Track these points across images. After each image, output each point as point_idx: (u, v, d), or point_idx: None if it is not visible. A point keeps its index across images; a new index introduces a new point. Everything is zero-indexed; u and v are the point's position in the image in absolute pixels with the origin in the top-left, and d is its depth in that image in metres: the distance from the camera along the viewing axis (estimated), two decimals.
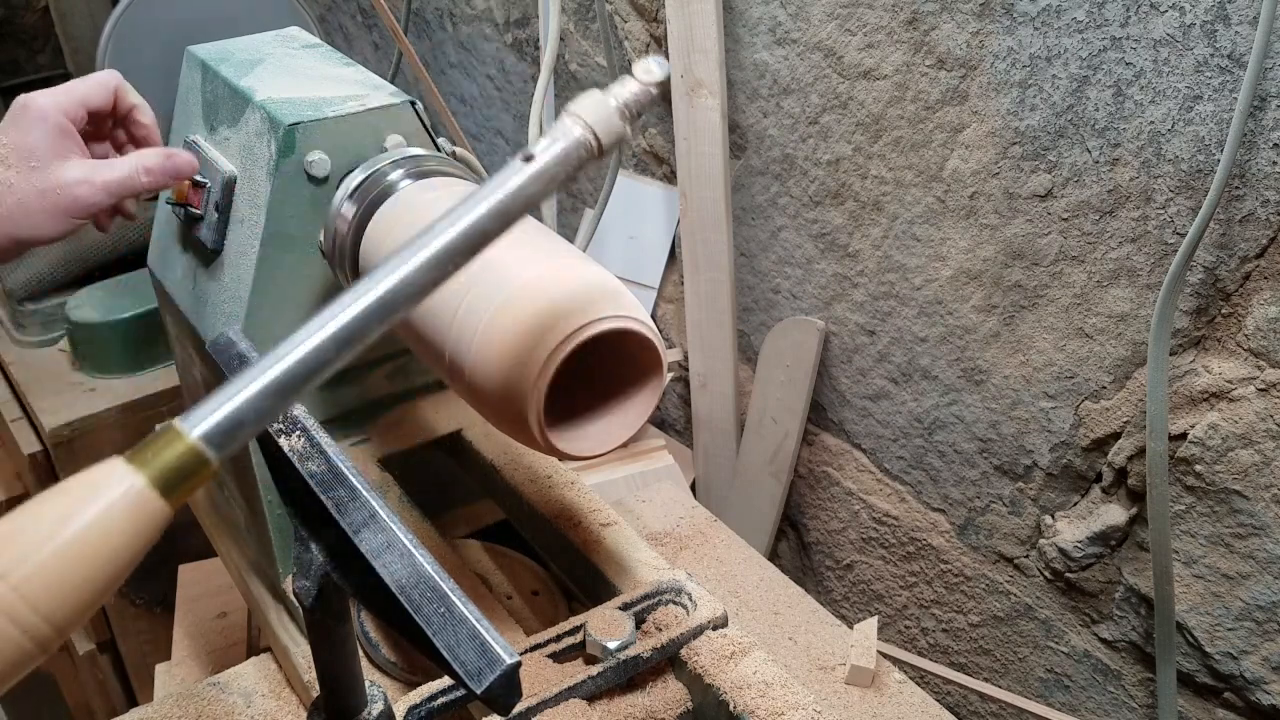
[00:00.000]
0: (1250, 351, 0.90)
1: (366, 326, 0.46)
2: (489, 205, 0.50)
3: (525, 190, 0.51)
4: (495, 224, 0.50)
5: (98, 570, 0.39)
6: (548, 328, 0.58)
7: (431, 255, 0.48)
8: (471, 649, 0.45)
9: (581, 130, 0.52)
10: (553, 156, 0.52)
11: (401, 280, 0.47)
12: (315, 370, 0.44)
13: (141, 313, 1.55)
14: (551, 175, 0.52)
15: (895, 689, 0.97)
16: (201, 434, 0.41)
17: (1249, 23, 0.81)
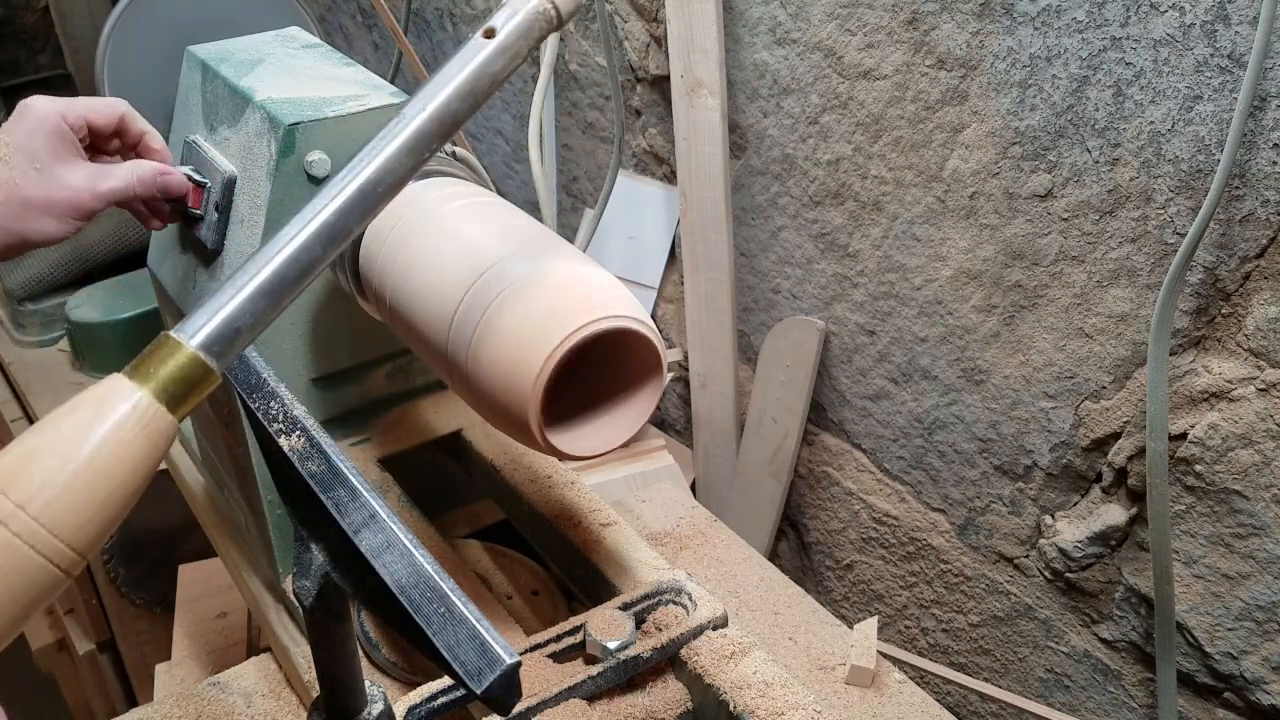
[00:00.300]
0: (1250, 351, 0.90)
1: (349, 219, 0.46)
2: (455, 85, 0.50)
3: (489, 66, 0.51)
4: (464, 105, 0.50)
5: (113, 491, 0.40)
6: (547, 327, 0.58)
7: (405, 141, 0.48)
8: (471, 649, 0.45)
9: (539, 1, 0.53)
10: (513, 28, 0.52)
11: (378, 169, 0.47)
12: (305, 269, 0.44)
13: (141, 313, 1.55)
14: (515, 49, 0.52)
15: (895, 689, 0.97)
16: (200, 343, 0.41)
17: (1249, 23, 0.81)
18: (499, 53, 0.51)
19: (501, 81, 0.52)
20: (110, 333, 1.55)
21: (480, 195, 0.74)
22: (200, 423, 1.02)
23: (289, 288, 0.43)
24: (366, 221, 0.47)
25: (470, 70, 0.50)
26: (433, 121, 0.49)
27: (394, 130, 0.48)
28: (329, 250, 0.45)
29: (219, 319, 0.42)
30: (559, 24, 0.53)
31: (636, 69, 1.43)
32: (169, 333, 0.42)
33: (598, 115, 1.55)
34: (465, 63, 0.50)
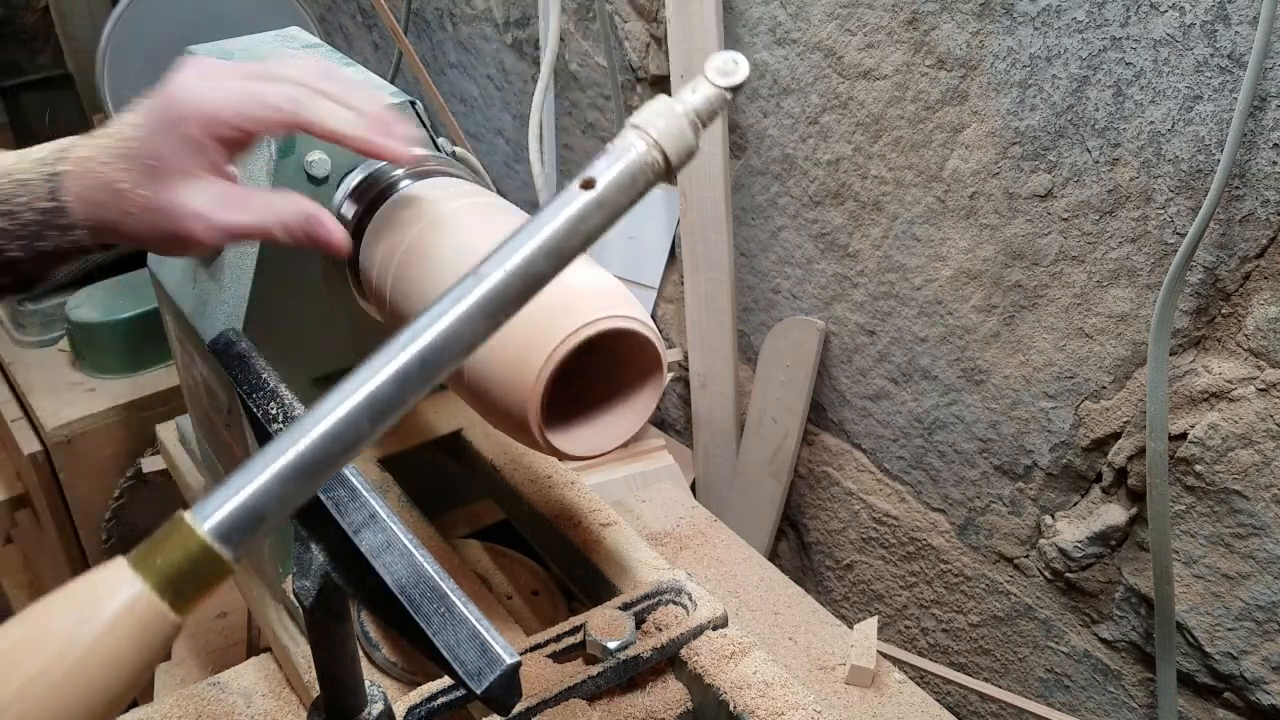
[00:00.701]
0: (1250, 351, 0.90)
1: (405, 391, 0.39)
2: (542, 241, 0.42)
3: (584, 223, 0.43)
4: (550, 264, 0.42)
5: (97, 697, 0.35)
6: (547, 327, 0.58)
7: (479, 302, 0.40)
8: (471, 649, 0.45)
9: (646, 146, 0.44)
10: (615, 181, 0.43)
11: (445, 334, 0.40)
12: (348, 446, 0.37)
13: (141, 313, 1.55)
14: (615, 204, 0.43)
15: (895, 689, 0.97)
16: (213, 528, 0.35)
17: (1249, 23, 0.81)
18: (596, 207, 0.43)
19: (595, 239, 0.44)
20: (110, 333, 1.55)
21: (480, 195, 0.74)
22: (201, 423, 1.02)
23: (327, 467, 0.37)
24: (423, 393, 0.39)
25: (561, 225, 0.42)
26: (513, 281, 0.41)
27: (467, 289, 0.40)
28: (378, 426, 0.38)
29: (239, 501, 0.35)
30: (667, 174, 0.45)
31: (637, 69, 1.43)
32: (182, 513, 0.36)
33: (598, 115, 1.55)
34: (555, 215, 0.42)
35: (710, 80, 0.45)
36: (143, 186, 0.61)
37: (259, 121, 0.62)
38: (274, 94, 0.62)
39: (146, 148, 0.61)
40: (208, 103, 0.61)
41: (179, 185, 0.61)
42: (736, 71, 0.45)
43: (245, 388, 0.61)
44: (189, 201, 0.61)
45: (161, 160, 0.61)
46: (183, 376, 1.03)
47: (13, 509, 1.71)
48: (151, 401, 1.54)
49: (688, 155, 0.46)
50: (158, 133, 0.61)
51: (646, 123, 0.45)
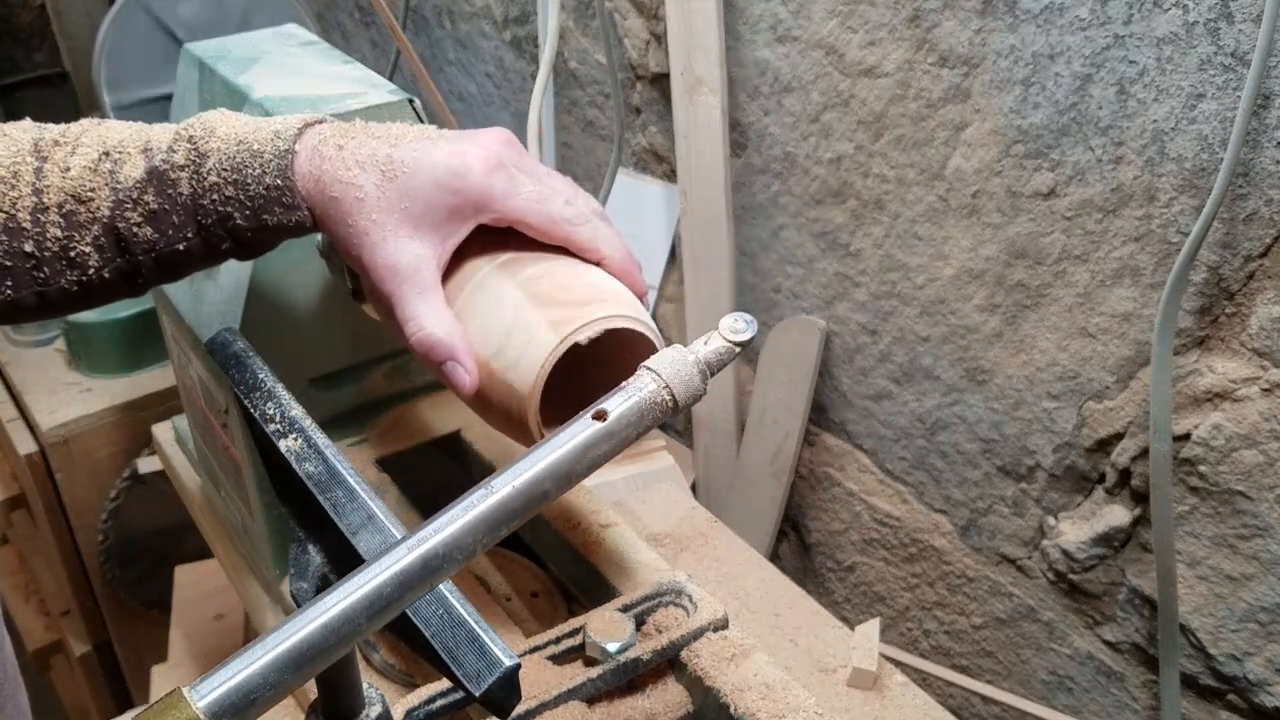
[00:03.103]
0: (1254, 351, 0.90)
1: (404, 592, 0.41)
2: (551, 463, 0.45)
3: (592, 450, 0.47)
4: (557, 485, 0.46)
5: None
6: (547, 327, 0.58)
7: (485, 513, 0.44)
8: (470, 651, 0.45)
9: (657, 386, 0.49)
10: (626, 415, 0.48)
11: (448, 540, 0.42)
12: (342, 640, 0.40)
13: (137, 312, 1.54)
14: (623, 436, 0.48)
15: (897, 691, 0.96)
16: (207, 706, 0.37)
17: (1252, 20, 0.81)
18: (605, 437, 0.47)
19: (600, 465, 0.48)
20: (107, 333, 1.55)
21: None
22: (197, 423, 1.02)
23: (321, 658, 0.39)
24: (421, 595, 0.42)
25: (570, 450, 0.46)
26: (520, 498, 0.44)
27: (476, 501, 0.44)
28: (374, 623, 0.40)
29: (234, 683, 0.38)
30: (674, 412, 0.50)
31: (636, 67, 1.42)
32: (181, 689, 0.38)
33: (597, 113, 1.55)
34: (566, 441, 0.46)
35: (722, 336, 0.51)
36: (379, 227, 0.59)
37: (546, 234, 0.62)
38: (571, 213, 0.62)
39: (414, 193, 0.59)
40: (511, 211, 0.61)
41: (399, 234, 0.59)
42: (745, 330, 0.51)
43: (242, 388, 0.60)
44: (394, 256, 0.59)
45: (414, 218, 0.59)
46: (179, 376, 1.03)
47: (8, 509, 1.70)
48: (148, 401, 1.53)
49: (694, 397, 0.50)
50: (437, 193, 0.59)
51: (660, 366, 0.50)
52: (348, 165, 0.60)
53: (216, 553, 1.06)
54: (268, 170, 0.60)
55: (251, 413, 0.58)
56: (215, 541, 1.05)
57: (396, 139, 0.61)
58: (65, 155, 0.62)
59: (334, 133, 0.62)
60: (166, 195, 0.61)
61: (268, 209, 0.60)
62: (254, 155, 0.60)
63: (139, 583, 1.65)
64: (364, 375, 0.90)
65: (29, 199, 0.61)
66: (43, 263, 0.61)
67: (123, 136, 0.63)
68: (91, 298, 0.64)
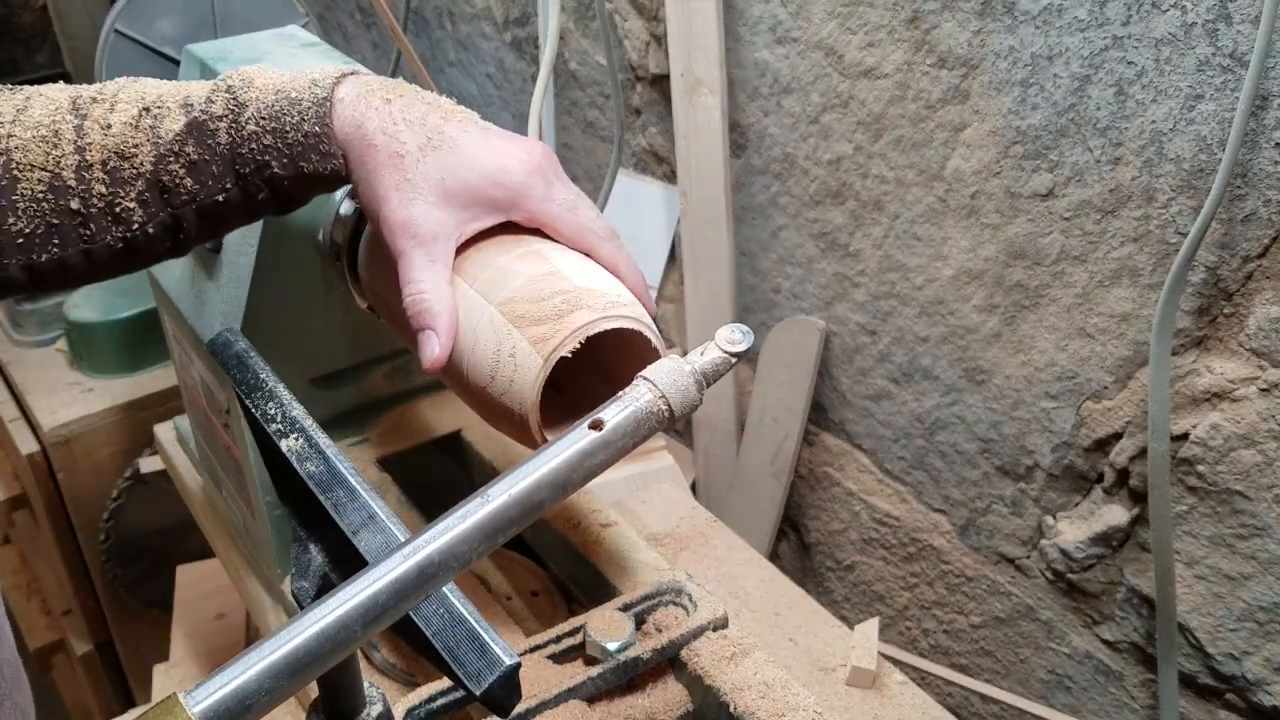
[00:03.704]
0: (1252, 351, 0.90)
1: (400, 600, 0.41)
2: (547, 472, 0.46)
3: (589, 459, 0.47)
4: (552, 494, 0.46)
5: None
6: (547, 327, 0.58)
7: (480, 521, 0.44)
8: (471, 650, 0.45)
9: (653, 397, 0.50)
10: (622, 424, 0.48)
11: (443, 548, 0.43)
12: (338, 647, 0.40)
13: (139, 312, 1.55)
14: (620, 445, 0.48)
15: (896, 690, 0.97)
16: (202, 711, 0.37)
17: (1250, 22, 0.81)
18: (602, 446, 0.47)
19: (597, 475, 0.48)
20: (108, 332, 1.55)
21: None
22: (199, 423, 1.02)
23: (315, 665, 0.39)
24: (415, 603, 0.42)
25: (566, 459, 0.46)
26: (515, 506, 0.44)
27: (471, 509, 0.44)
28: (369, 630, 0.41)
29: (229, 689, 0.38)
30: (670, 423, 0.50)
31: (636, 68, 1.42)
32: (178, 694, 0.38)
33: (597, 114, 1.55)
34: (562, 450, 0.46)
35: (718, 347, 0.51)
36: (410, 185, 0.60)
37: (573, 240, 0.64)
38: (600, 226, 0.64)
39: (455, 170, 0.60)
40: (543, 214, 0.63)
41: (427, 199, 0.60)
42: (742, 342, 0.51)
43: (243, 388, 0.61)
44: (417, 216, 0.60)
45: (447, 192, 0.60)
46: (181, 376, 1.03)
47: (10, 509, 1.71)
48: (149, 401, 1.53)
49: (690, 408, 0.50)
50: (477, 178, 0.60)
51: (656, 376, 0.50)
52: (394, 120, 0.61)
53: (218, 552, 1.06)
54: (306, 117, 0.61)
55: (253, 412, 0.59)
56: (217, 541, 1.06)
57: (448, 113, 0.62)
58: (105, 112, 0.62)
59: (380, 86, 0.63)
60: (206, 145, 0.61)
61: (305, 156, 0.61)
62: (292, 103, 0.61)
63: (140, 582, 1.66)
64: (365, 375, 0.91)
65: (72, 157, 0.61)
66: (89, 219, 0.62)
67: (161, 92, 0.64)
68: (137, 256, 0.64)
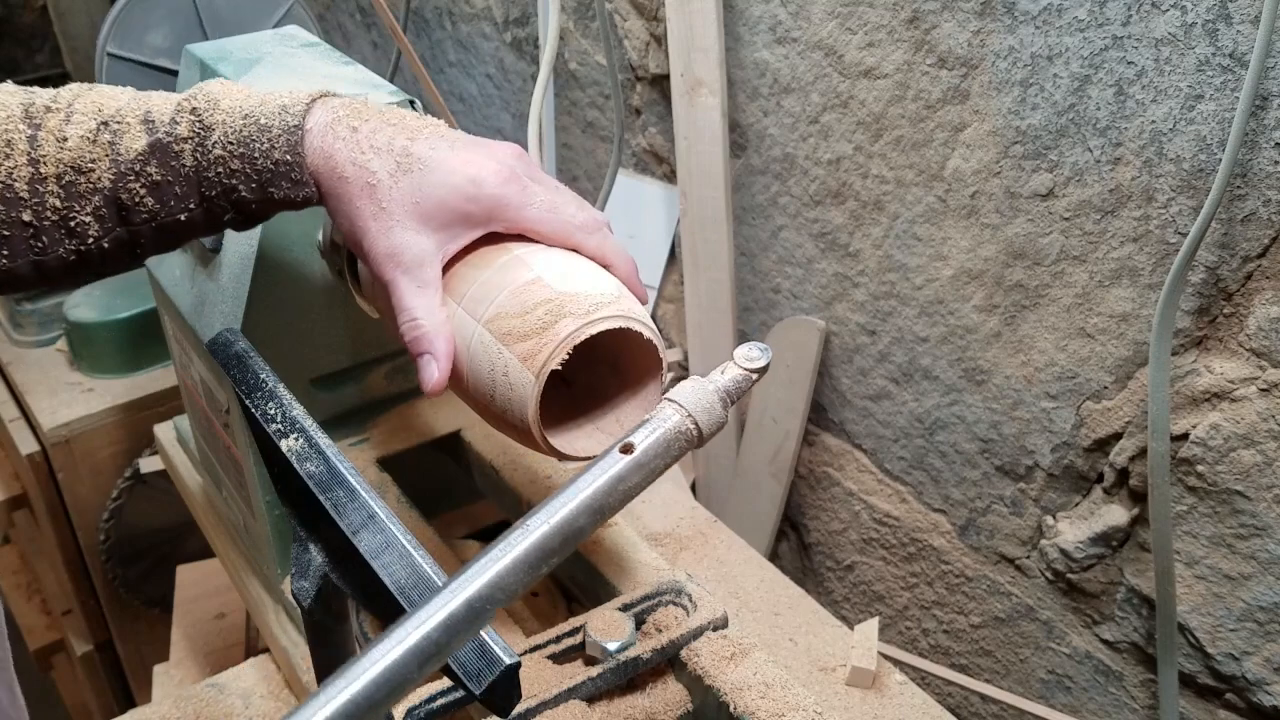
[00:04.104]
0: (1252, 351, 0.90)
1: (452, 638, 0.42)
2: (584, 499, 0.47)
3: (623, 483, 0.48)
4: (590, 520, 0.47)
5: None
6: (547, 327, 0.58)
7: (524, 554, 0.45)
8: (471, 650, 0.45)
9: (680, 418, 0.51)
10: (652, 446, 0.49)
11: (491, 583, 0.44)
12: (394, 689, 0.40)
13: (139, 312, 1.55)
14: (651, 467, 0.49)
15: (896, 690, 0.97)
16: None
17: (1250, 22, 0.81)
18: (634, 469, 0.49)
19: (632, 498, 0.49)
20: (108, 333, 1.55)
21: None
22: (199, 423, 1.02)
23: (372, 714, 0.40)
24: (467, 639, 0.43)
25: (602, 485, 0.48)
26: (556, 536, 0.46)
27: (514, 541, 0.45)
28: (425, 670, 0.41)
29: None
30: (699, 442, 0.51)
31: (636, 68, 1.42)
32: None
33: (597, 114, 1.55)
34: (597, 476, 0.48)
35: (738, 364, 0.53)
36: (387, 215, 0.59)
37: (559, 241, 0.63)
38: (583, 219, 0.63)
39: (429, 191, 0.59)
40: (523, 221, 0.61)
41: (414, 241, 0.59)
42: (761, 359, 0.53)
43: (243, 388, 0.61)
44: (406, 273, 0.60)
45: (424, 213, 0.59)
46: (181, 377, 1.03)
47: (10, 509, 1.71)
48: (149, 401, 1.53)
49: (717, 426, 0.52)
50: (451, 196, 0.59)
51: (682, 397, 0.51)
52: (362, 149, 0.60)
53: (218, 552, 1.06)
54: (276, 145, 0.60)
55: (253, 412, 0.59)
56: (217, 541, 1.06)
57: (414, 131, 0.61)
58: (60, 123, 0.61)
59: (347, 112, 0.62)
60: (170, 167, 0.61)
61: (274, 183, 0.60)
62: (261, 130, 0.60)
63: (141, 582, 1.66)
64: (365, 375, 0.91)
65: (25, 169, 0.60)
66: (41, 232, 0.61)
67: (119, 105, 0.63)
68: (88, 267, 0.64)
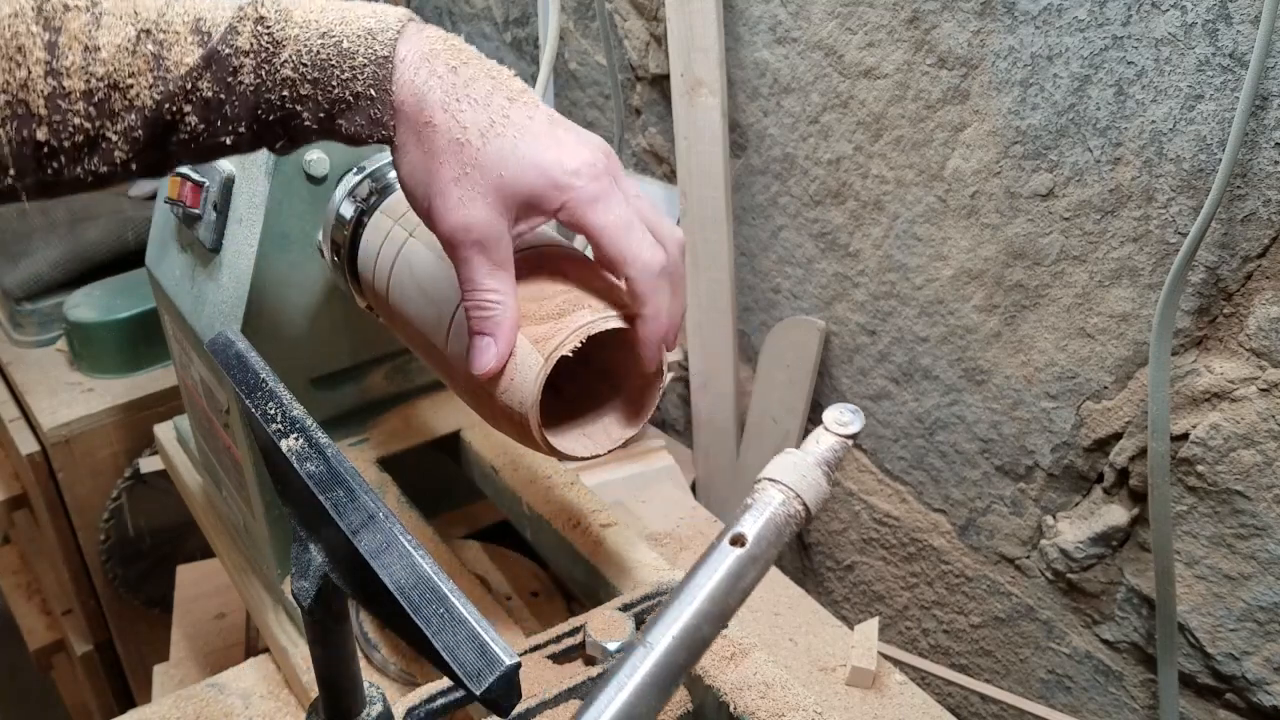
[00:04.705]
0: (1252, 351, 0.90)
1: None
2: (704, 606, 0.44)
3: (740, 580, 0.46)
4: (713, 627, 0.45)
5: None
6: (546, 327, 0.58)
7: (651, 675, 0.43)
8: (471, 650, 0.45)
9: (786, 497, 0.48)
10: (764, 535, 0.47)
11: (622, 711, 0.42)
12: None
13: (139, 313, 1.55)
14: (766, 558, 0.47)
15: (896, 690, 0.97)
16: None
17: (1250, 22, 0.81)
18: (750, 563, 0.46)
19: (751, 592, 0.47)
20: (108, 333, 1.55)
21: None
22: (199, 424, 1.02)
23: None
24: None
25: (719, 585, 0.45)
26: (681, 650, 0.43)
27: (637, 661, 0.43)
28: None
29: None
30: (807, 521, 0.49)
31: (636, 68, 1.42)
32: None
33: (597, 114, 1.55)
34: (712, 575, 0.45)
35: (832, 431, 0.51)
36: (468, 181, 0.53)
37: (607, 265, 0.57)
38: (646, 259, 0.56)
39: (514, 163, 0.53)
40: (594, 224, 0.55)
41: (490, 219, 0.54)
42: (853, 423, 0.51)
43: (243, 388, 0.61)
44: (482, 250, 0.55)
45: (504, 189, 0.53)
46: (181, 377, 1.03)
47: (10, 509, 1.71)
48: (150, 401, 1.53)
49: (824, 499, 0.50)
50: (536, 175, 0.53)
51: (782, 475, 0.49)
52: (458, 97, 0.53)
53: (218, 552, 1.06)
54: (359, 75, 0.52)
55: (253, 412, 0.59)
56: (217, 541, 1.06)
57: (514, 93, 0.54)
58: (86, 27, 0.52)
59: (444, 47, 0.54)
60: (225, 84, 0.52)
61: (346, 115, 0.53)
62: (343, 55, 0.52)
63: (141, 582, 1.66)
64: (365, 375, 0.91)
65: (44, 82, 0.51)
66: (59, 153, 0.53)
67: (159, 7, 0.53)
68: (104, 186, 0.56)
